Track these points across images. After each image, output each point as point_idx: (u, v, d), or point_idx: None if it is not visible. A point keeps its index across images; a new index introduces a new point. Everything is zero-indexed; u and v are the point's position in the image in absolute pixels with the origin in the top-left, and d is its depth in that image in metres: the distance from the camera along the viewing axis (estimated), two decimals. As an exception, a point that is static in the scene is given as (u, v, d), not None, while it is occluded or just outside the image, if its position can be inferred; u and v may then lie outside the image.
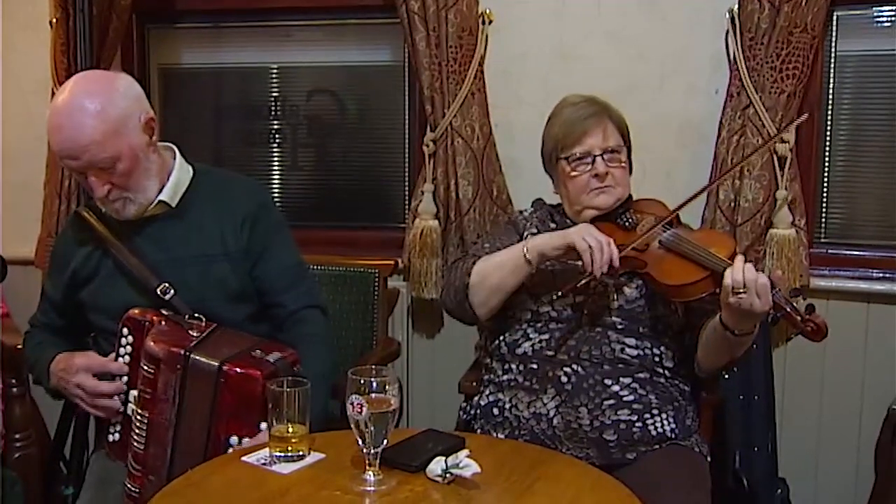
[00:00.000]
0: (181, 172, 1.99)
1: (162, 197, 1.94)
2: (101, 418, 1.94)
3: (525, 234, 2.13)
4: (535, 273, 2.05)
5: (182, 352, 1.74)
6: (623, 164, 2.09)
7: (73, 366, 1.88)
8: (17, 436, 2.33)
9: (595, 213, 2.09)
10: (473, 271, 2.03)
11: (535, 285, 2.05)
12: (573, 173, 2.07)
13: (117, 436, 1.87)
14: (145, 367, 1.76)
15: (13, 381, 2.30)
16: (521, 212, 2.26)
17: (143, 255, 1.92)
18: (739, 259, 1.83)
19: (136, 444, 1.77)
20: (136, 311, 1.85)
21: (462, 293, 2.04)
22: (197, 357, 1.74)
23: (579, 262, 1.92)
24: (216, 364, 1.73)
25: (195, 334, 1.80)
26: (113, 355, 1.86)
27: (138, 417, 1.77)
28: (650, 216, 2.08)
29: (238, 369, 1.73)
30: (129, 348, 1.84)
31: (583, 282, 1.92)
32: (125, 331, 1.84)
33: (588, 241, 1.89)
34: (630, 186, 2.12)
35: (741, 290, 1.78)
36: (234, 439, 1.74)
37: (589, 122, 2.06)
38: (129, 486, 1.78)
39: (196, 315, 1.87)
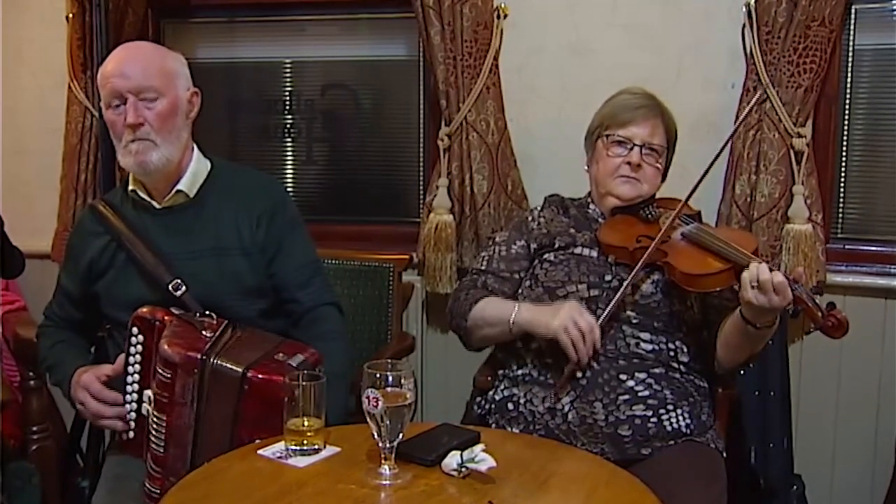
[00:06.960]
0: (199, 164, 2.00)
1: (180, 186, 1.96)
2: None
3: (531, 232, 2.15)
4: (550, 267, 2.05)
5: (199, 356, 1.72)
6: (657, 165, 2.12)
7: (79, 382, 1.89)
8: (34, 428, 2.35)
9: (617, 203, 2.11)
10: (470, 316, 2.07)
11: (550, 280, 2.05)
12: (607, 154, 2.09)
13: (131, 434, 1.86)
14: (161, 371, 1.74)
15: (30, 374, 2.32)
16: (531, 210, 2.26)
17: (158, 248, 1.93)
18: (758, 261, 1.83)
19: (154, 446, 1.75)
20: (146, 309, 1.83)
21: (461, 330, 2.12)
22: (218, 362, 1.73)
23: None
24: (240, 371, 1.71)
25: (208, 334, 1.78)
26: (122, 359, 1.85)
27: (155, 420, 1.75)
28: (672, 211, 2.08)
29: (262, 375, 1.71)
30: (139, 347, 1.82)
31: (570, 371, 1.92)
32: (135, 330, 1.82)
33: (571, 333, 1.88)
34: (657, 189, 2.14)
35: (757, 287, 1.78)
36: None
37: (640, 113, 2.10)
38: (148, 486, 1.76)
39: (207, 312, 1.86)
